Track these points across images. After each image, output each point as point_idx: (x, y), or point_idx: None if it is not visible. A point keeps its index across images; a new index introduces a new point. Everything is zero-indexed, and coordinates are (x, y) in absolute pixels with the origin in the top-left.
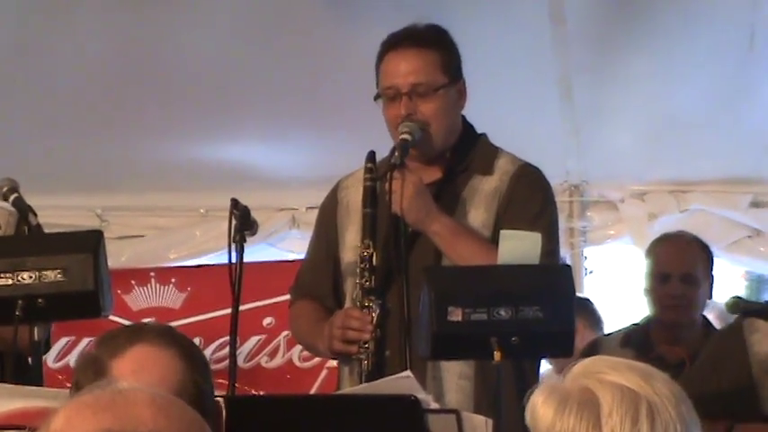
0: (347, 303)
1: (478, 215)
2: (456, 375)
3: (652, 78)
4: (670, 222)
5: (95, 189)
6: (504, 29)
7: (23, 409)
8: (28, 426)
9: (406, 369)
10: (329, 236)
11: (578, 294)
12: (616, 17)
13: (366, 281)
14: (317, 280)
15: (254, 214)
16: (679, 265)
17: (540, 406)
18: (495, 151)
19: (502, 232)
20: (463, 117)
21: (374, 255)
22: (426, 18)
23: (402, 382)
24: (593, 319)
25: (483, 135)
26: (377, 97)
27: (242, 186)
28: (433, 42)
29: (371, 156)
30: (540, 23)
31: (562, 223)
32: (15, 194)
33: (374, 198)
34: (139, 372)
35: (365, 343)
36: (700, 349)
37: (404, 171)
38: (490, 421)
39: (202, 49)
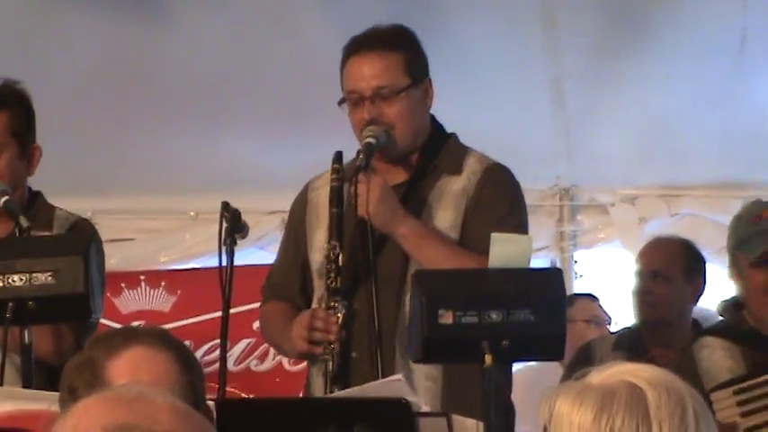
0: (314, 304)
1: (446, 216)
2: (423, 377)
3: (643, 82)
4: (660, 226)
5: (85, 192)
6: (496, 32)
7: (17, 412)
8: (19, 428)
9: (374, 371)
10: (298, 236)
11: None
12: (608, 21)
13: (332, 282)
14: (286, 280)
15: (244, 217)
16: (647, 262)
17: (574, 413)
18: (464, 150)
19: (492, 235)
20: (433, 117)
21: (340, 255)
22: (419, 22)
23: (393, 386)
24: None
25: (453, 135)
26: (341, 101)
27: (232, 189)
28: (396, 44)
29: (338, 156)
30: (532, 27)
31: (552, 227)
32: (6, 197)
33: (341, 198)
34: (136, 372)
35: (330, 344)
36: None
37: (369, 174)
38: (481, 424)
39: (193, 53)
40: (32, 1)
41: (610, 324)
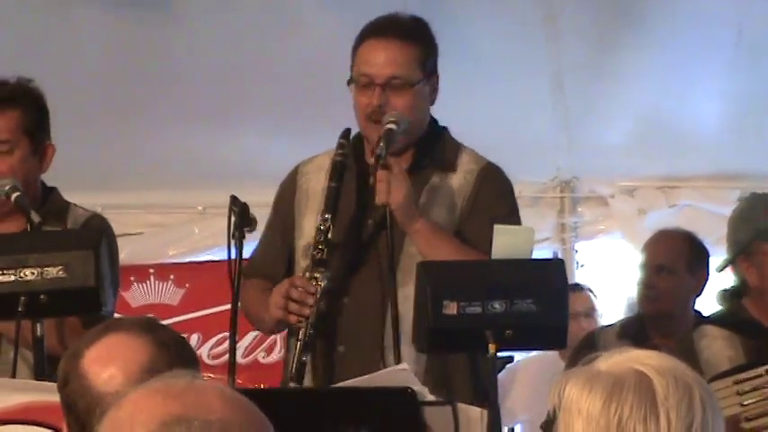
0: None
1: (441, 213)
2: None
3: (642, 74)
4: (659, 218)
5: (94, 186)
6: (497, 24)
7: (28, 404)
8: (32, 420)
9: (369, 363)
10: (286, 221)
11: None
12: (607, 13)
13: (318, 252)
14: (270, 262)
15: (252, 211)
16: (652, 255)
17: (583, 399)
18: (457, 147)
19: (495, 227)
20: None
21: (330, 228)
22: (422, 14)
23: (398, 375)
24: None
25: (446, 129)
26: (350, 81)
27: (241, 183)
28: (415, 36)
29: (346, 133)
30: (533, 19)
31: (553, 219)
32: (17, 193)
33: (342, 173)
34: (105, 358)
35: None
36: None
37: (392, 162)
38: (485, 412)
39: (201, 48)
40: None
41: (596, 311)
